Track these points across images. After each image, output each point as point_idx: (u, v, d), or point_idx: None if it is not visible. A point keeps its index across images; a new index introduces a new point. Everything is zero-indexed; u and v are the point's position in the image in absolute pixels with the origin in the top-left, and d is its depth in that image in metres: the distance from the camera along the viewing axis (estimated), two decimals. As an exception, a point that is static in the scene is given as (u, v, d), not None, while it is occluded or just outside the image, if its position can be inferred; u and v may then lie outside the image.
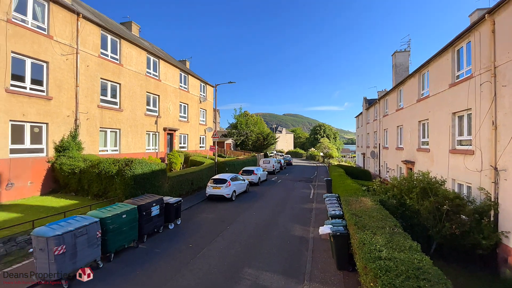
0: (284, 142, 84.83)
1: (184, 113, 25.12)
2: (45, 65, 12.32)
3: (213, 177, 15.36)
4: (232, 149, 42.70)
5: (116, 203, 8.62)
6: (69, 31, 13.37)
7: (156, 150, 20.51)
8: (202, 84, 28.93)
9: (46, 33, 12.33)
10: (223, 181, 14.66)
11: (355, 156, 58.45)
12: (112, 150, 16.47)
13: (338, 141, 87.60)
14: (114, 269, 6.82)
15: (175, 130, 22.85)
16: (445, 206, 7.47)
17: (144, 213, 8.52)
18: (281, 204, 14.18)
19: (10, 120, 10.90)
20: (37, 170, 11.96)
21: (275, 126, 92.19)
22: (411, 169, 15.27)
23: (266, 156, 41.59)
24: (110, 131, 16.35)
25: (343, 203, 8.51)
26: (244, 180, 17.03)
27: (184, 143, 25.03)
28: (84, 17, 14.13)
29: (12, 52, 10.92)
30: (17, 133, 11.27)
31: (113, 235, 7.25)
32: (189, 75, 25.91)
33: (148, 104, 19.68)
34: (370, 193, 10.34)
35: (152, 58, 20.31)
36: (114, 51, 16.60)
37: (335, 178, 16.96)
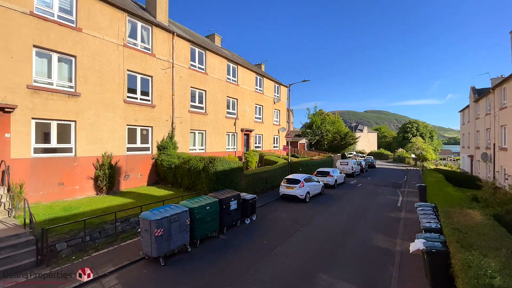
0: (366, 142, 77.58)
1: (259, 114, 26.17)
2: (150, 79, 15.01)
3: (286, 177, 15.41)
4: (306, 149, 41.93)
5: (202, 195, 9.71)
6: (166, 49, 15.89)
7: (235, 149, 22.08)
8: (276, 85, 29.48)
9: (150, 52, 15.01)
10: (296, 181, 14.53)
11: (459, 159, 48.25)
12: (199, 149, 18.67)
13: (435, 140, 73.90)
14: (199, 254, 7.68)
15: (251, 131, 24.08)
16: None
17: (224, 207, 9.29)
18: (361, 210, 13.01)
19: (127, 125, 13.75)
20: (145, 165, 14.69)
21: (355, 124, 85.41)
22: (548, 177, 11.48)
23: (343, 157, 39.03)
24: (198, 133, 18.58)
25: (441, 214, 7.13)
26: (318, 181, 16.43)
27: (259, 143, 26.09)
28: (178, 35, 16.52)
29: (128, 70, 13.76)
30: (131, 135, 14.13)
31: (199, 224, 8.19)
32: (264, 78, 26.83)
33: (228, 107, 21.41)
34: (479, 205, 8.32)
35: (231, 65, 22.00)
36: (200, 62, 18.78)
37: (431, 184, 14.41)
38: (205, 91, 18.94)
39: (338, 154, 37.33)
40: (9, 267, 6.41)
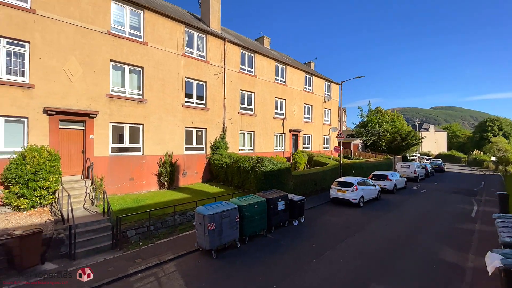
0: (433, 142, 68.92)
1: (308, 114, 25.61)
2: (204, 84, 16.13)
3: (337, 179, 14.75)
4: (360, 150, 39.33)
5: (250, 194, 10.01)
6: (219, 55, 16.84)
7: (283, 150, 22.09)
8: (327, 83, 28.43)
9: (204, 59, 16.11)
10: (348, 184, 13.78)
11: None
12: (248, 149, 19.25)
13: (524, 141, 61.30)
14: (248, 251, 7.95)
15: (299, 131, 23.74)
16: None
17: (271, 206, 9.40)
18: (424, 219, 11.65)
19: (185, 127, 15.03)
20: (200, 164, 15.83)
21: (419, 122, 76.54)
22: None
23: (405, 159, 35.37)
24: (247, 133, 19.18)
25: (529, 229, 5.93)
26: (374, 185, 15.28)
27: (308, 144, 25.54)
28: (229, 41, 17.36)
29: (186, 77, 15.03)
30: (188, 136, 15.39)
31: (247, 221, 8.47)
32: (314, 76, 26.16)
33: (276, 108, 21.55)
34: None
35: (279, 65, 22.09)
36: (250, 65, 19.37)
37: (517, 193, 12.04)
38: (253, 93, 19.44)
39: (398, 156, 34.02)
40: (92, 247, 7.68)
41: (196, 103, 15.76)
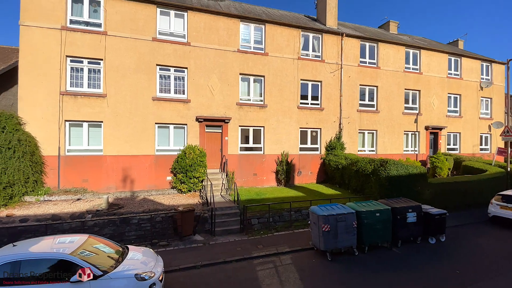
0: None
1: (454, 106, 20.21)
2: (319, 84, 16.04)
3: (502, 193, 10.91)
4: (550, 153, 27.02)
5: (371, 200, 9.12)
6: (335, 52, 16.27)
7: (416, 152, 18.55)
8: (485, 64, 21.43)
9: (320, 59, 16.00)
10: (523, 200, 9.90)
11: None
12: (369, 151, 17.47)
13: None
14: (367, 261, 7.31)
15: (440, 129, 19.15)
16: None
17: (398, 217, 8.20)
18: None
19: (300, 128, 15.52)
20: (314, 164, 15.88)
21: None
22: None
23: None
24: (367, 133, 17.46)
25: None
26: None
27: (454, 144, 20.18)
28: (347, 35, 16.42)
29: (301, 79, 15.49)
30: (303, 137, 15.78)
31: (366, 229, 7.78)
32: (463, 57, 20.38)
33: (406, 102, 18.39)
34: None
35: (411, 51, 18.70)
36: (371, 56, 17.53)
37: None
38: (376, 86, 17.44)
39: None
40: (225, 228, 9.34)
41: (311, 104, 15.89)
